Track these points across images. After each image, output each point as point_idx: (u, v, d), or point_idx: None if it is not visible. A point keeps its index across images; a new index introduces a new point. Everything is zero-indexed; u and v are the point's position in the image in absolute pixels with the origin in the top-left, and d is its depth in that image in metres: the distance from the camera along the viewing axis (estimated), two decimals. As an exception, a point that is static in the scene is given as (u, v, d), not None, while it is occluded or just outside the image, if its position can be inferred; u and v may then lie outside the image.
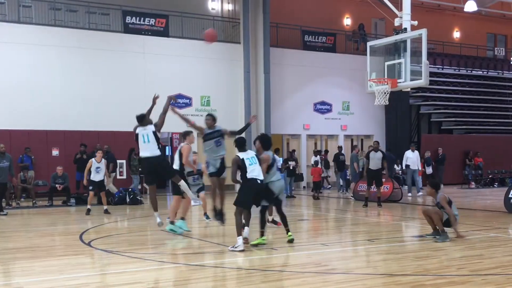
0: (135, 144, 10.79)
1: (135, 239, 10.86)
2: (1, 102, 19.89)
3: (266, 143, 9.85)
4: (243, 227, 9.27)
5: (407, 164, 21.33)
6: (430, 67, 19.53)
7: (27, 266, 8.21)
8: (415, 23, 16.34)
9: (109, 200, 17.82)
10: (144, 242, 10.55)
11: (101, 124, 21.20)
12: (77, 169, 19.43)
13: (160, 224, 10.41)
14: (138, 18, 22.75)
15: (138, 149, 10.54)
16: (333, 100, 26.83)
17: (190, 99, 23.44)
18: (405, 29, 16.12)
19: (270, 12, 24.70)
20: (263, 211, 9.65)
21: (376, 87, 16.38)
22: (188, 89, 23.34)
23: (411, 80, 15.93)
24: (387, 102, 16.49)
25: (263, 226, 9.63)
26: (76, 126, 20.76)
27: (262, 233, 9.57)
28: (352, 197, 19.56)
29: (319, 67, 26.29)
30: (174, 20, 23.58)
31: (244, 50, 24.16)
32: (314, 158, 21.35)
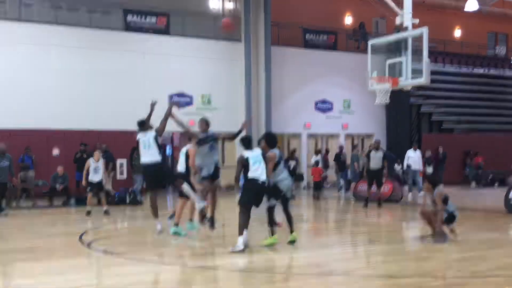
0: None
1: (135, 240, 10.85)
2: (1, 102, 19.85)
3: (272, 141, 9.78)
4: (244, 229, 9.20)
5: (408, 164, 21.17)
6: (431, 66, 19.43)
7: (27, 267, 8.20)
8: (416, 22, 16.27)
9: (109, 200, 17.80)
10: (144, 243, 10.54)
11: (102, 124, 21.15)
12: (77, 169, 19.36)
13: (160, 232, 10.15)
14: (139, 17, 22.72)
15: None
16: (334, 99, 26.79)
17: (191, 98, 23.39)
18: (406, 28, 16.06)
19: (271, 11, 24.62)
20: (271, 211, 9.62)
21: (377, 86, 16.33)
22: (189, 88, 23.29)
23: (412, 79, 15.85)
24: (388, 101, 16.45)
25: (272, 225, 9.59)
26: (77, 126, 20.74)
27: (273, 232, 9.54)
28: (352, 197, 19.53)
29: (320, 66, 26.25)
30: (175, 19, 23.52)
31: (245, 49, 24.11)
32: (315, 158, 21.32)
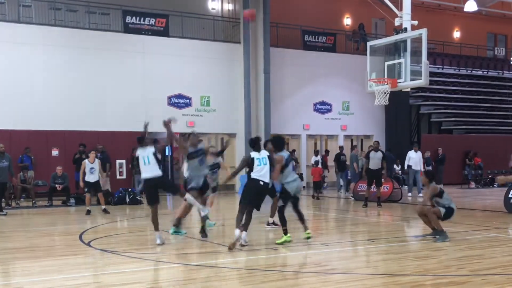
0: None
1: (135, 239, 10.86)
2: (1, 102, 19.86)
3: (278, 145, 9.98)
4: (242, 230, 9.29)
5: (409, 164, 21.23)
6: (430, 67, 19.50)
7: (27, 266, 8.21)
8: (415, 23, 16.33)
9: (109, 200, 17.82)
10: (144, 242, 10.55)
11: (101, 124, 21.19)
12: (76, 169, 19.40)
13: (160, 245, 9.80)
14: (138, 18, 22.72)
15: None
16: (333, 100, 26.81)
17: (190, 99, 23.41)
18: (405, 29, 16.10)
19: (270, 12, 24.65)
20: (281, 211, 9.74)
21: (376, 87, 16.37)
22: (188, 89, 23.33)
23: (411, 80, 15.91)
24: (387, 102, 16.47)
25: (285, 224, 9.70)
26: (76, 126, 20.74)
27: (286, 231, 9.66)
28: (352, 197, 19.56)
29: (319, 67, 26.28)
30: (174, 20, 23.55)
31: (244, 50, 24.14)
32: (315, 158, 21.36)
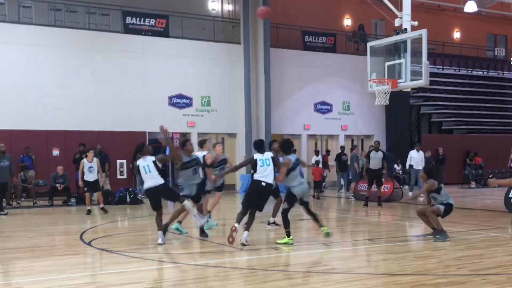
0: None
1: (135, 239, 10.87)
2: (1, 102, 19.88)
3: (286, 148, 10.04)
4: (245, 229, 9.55)
5: (411, 164, 21.20)
6: (430, 68, 19.46)
7: (27, 266, 8.21)
8: (415, 24, 16.35)
9: (110, 200, 17.84)
10: (144, 242, 10.55)
11: (101, 124, 21.20)
12: (76, 169, 19.40)
13: (161, 244, 9.82)
14: (138, 19, 22.73)
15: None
16: (334, 100, 26.82)
17: (191, 99, 23.42)
18: (405, 30, 16.12)
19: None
20: (286, 213, 9.81)
21: (377, 87, 16.38)
22: (188, 89, 23.34)
23: (412, 81, 15.93)
24: (388, 102, 16.50)
25: (288, 226, 9.76)
26: (76, 126, 20.76)
27: (288, 233, 9.72)
28: (353, 197, 19.57)
29: (319, 68, 26.29)
30: (174, 21, 23.56)
31: (244, 51, 24.15)
32: (315, 158, 21.36)
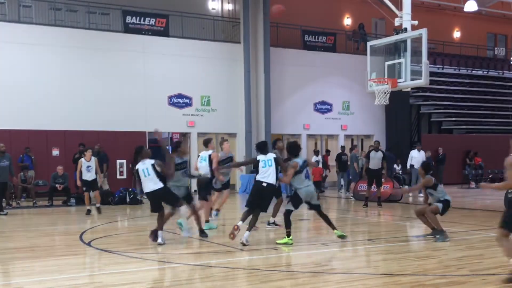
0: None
1: (135, 239, 10.86)
2: (1, 102, 19.88)
3: (294, 150, 10.09)
4: (247, 229, 9.65)
5: (412, 164, 21.20)
6: (430, 67, 19.48)
7: (27, 266, 8.21)
8: (415, 23, 16.34)
9: (109, 200, 17.83)
10: (144, 242, 10.53)
11: (101, 124, 21.19)
12: (76, 169, 19.41)
13: (161, 244, 9.81)
14: (138, 18, 22.73)
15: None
16: (333, 100, 26.82)
17: (190, 99, 23.42)
18: (405, 29, 16.11)
19: (270, 12, 24.66)
20: (288, 214, 9.87)
21: (376, 87, 16.38)
22: (188, 89, 23.34)
23: (411, 80, 15.93)
24: (387, 102, 16.49)
25: (289, 227, 9.80)
26: (76, 126, 20.75)
27: (289, 233, 9.77)
28: (352, 197, 19.56)
29: (319, 67, 26.28)
30: (174, 20, 23.56)
31: (244, 50, 24.15)
32: (315, 158, 21.35)
